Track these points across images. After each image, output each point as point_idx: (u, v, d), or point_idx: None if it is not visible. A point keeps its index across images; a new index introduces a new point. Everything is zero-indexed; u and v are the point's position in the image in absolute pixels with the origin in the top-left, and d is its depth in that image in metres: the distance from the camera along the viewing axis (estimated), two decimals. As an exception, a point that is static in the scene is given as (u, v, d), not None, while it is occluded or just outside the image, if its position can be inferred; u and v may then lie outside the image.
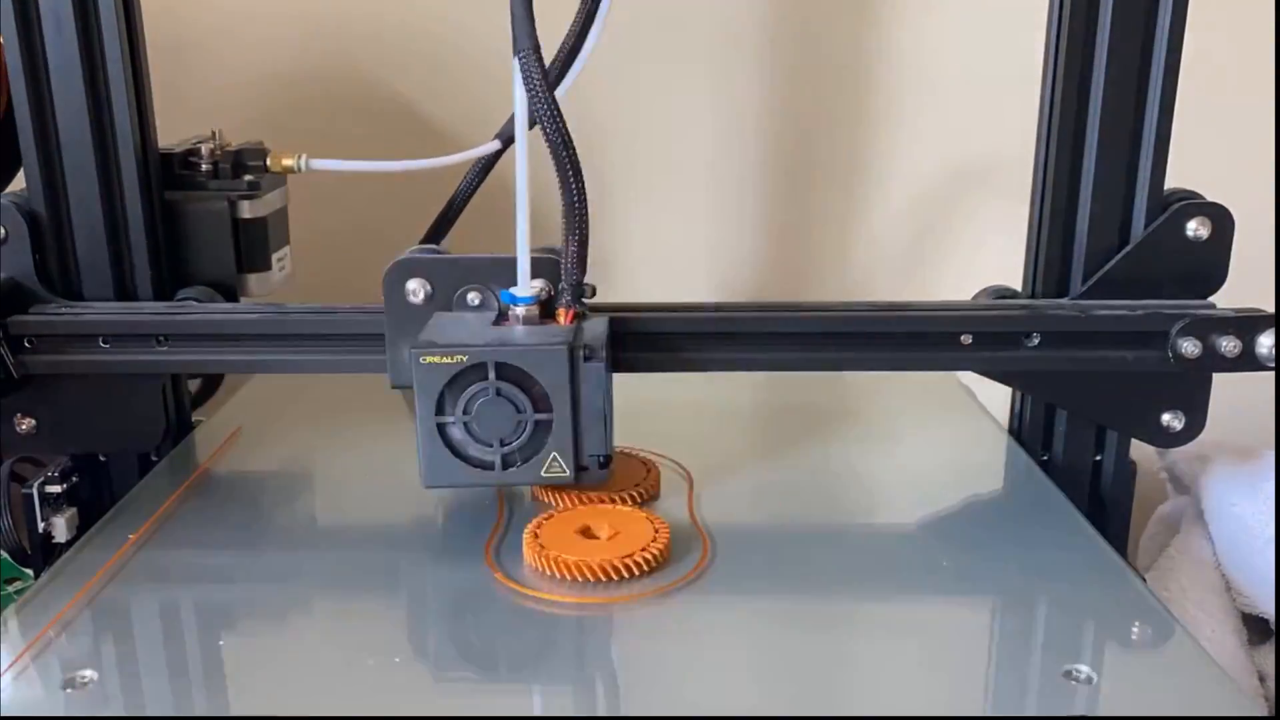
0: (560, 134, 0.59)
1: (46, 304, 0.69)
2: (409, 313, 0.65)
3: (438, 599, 0.60)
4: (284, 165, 0.75)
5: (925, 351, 0.68)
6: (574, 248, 0.61)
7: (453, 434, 0.60)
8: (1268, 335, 0.65)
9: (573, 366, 0.59)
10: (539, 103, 0.58)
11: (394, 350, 0.65)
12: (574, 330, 0.61)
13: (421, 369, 0.58)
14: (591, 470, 0.61)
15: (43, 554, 0.70)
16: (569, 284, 0.62)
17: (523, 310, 0.62)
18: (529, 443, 0.60)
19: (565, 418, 0.59)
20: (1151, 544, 0.90)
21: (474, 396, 0.59)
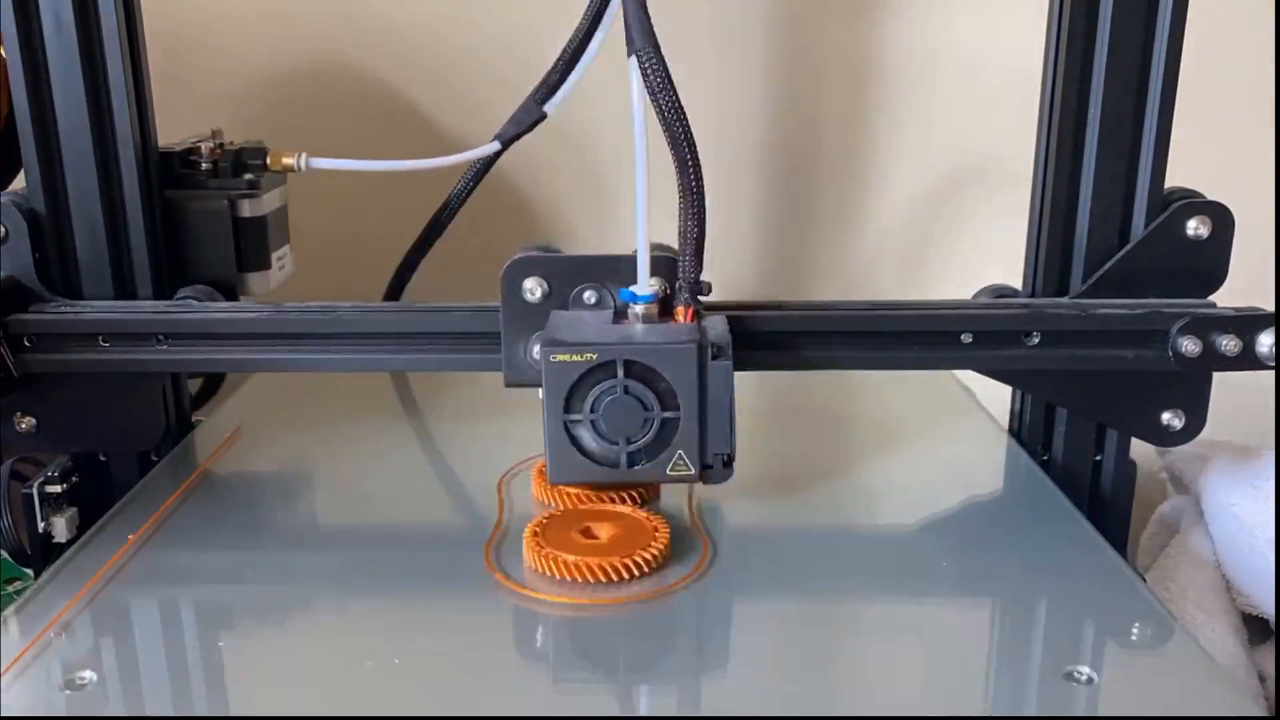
0: (684, 132, 0.59)
1: (46, 303, 0.69)
2: (526, 310, 0.65)
3: (437, 600, 0.60)
4: (284, 164, 0.75)
5: (925, 350, 0.68)
6: (691, 245, 0.61)
7: (580, 432, 0.60)
8: (1268, 334, 0.65)
9: (701, 365, 0.59)
10: (663, 99, 0.58)
11: (510, 349, 0.65)
12: (699, 329, 0.61)
13: (551, 367, 0.58)
14: (716, 469, 0.61)
15: (43, 554, 0.70)
16: (687, 282, 0.62)
17: (642, 309, 0.62)
18: (655, 441, 0.60)
19: (692, 416, 0.59)
20: (1151, 544, 0.90)
21: (602, 395, 0.59)
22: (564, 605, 0.57)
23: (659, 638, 0.55)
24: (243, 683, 0.52)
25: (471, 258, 0.89)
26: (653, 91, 0.59)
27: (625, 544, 0.59)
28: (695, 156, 0.60)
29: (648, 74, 0.58)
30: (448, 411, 0.85)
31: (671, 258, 0.63)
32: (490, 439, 0.77)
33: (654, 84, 0.59)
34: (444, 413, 0.85)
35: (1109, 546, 0.63)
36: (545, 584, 0.58)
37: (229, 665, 0.54)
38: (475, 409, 0.84)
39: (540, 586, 0.58)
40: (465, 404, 0.85)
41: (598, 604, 0.57)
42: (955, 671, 0.53)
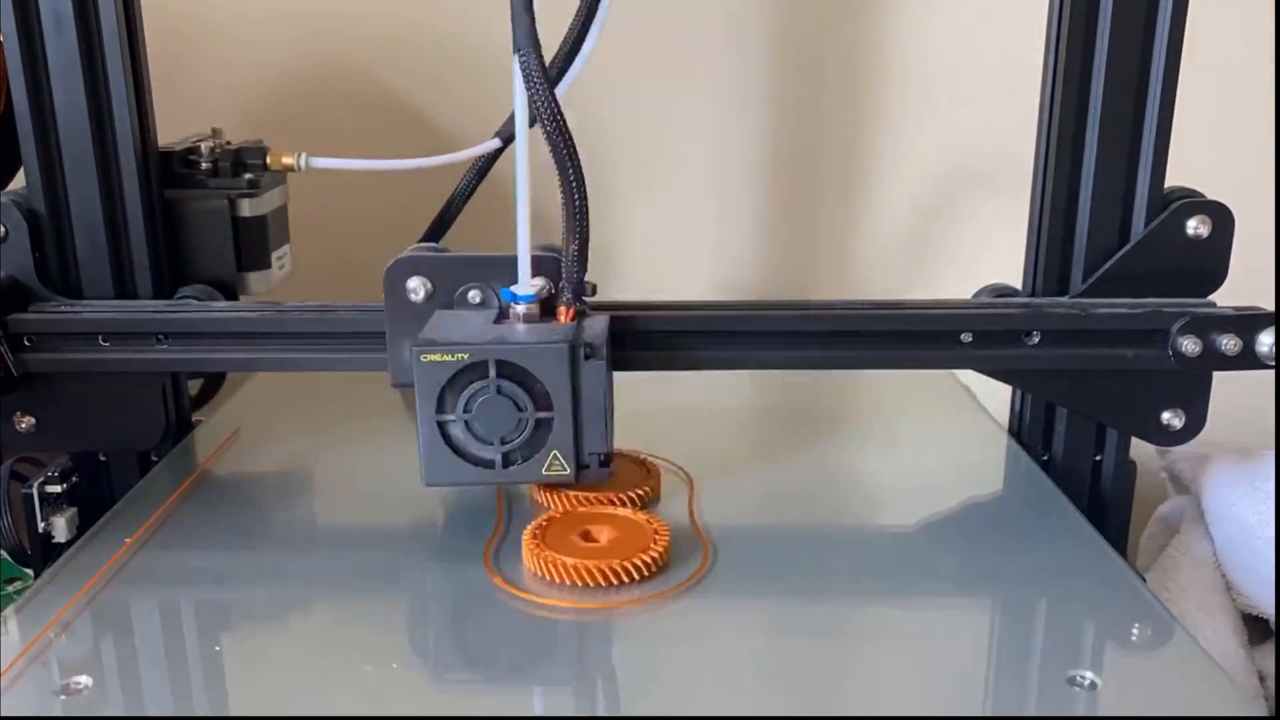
0: (560, 132, 0.59)
1: (46, 302, 0.69)
2: (410, 311, 0.65)
3: (436, 602, 0.60)
4: (284, 164, 0.75)
5: (925, 350, 0.68)
6: (575, 246, 0.61)
7: (453, 432, 0.60)
8: (1268, 333, 0.65)
9: (574, 365, 0.59)
10: (539, 100, 0.58)
11: (395, 348, 0.65)
12: (575, 328, 0.61)
13: (422, 367, 0.58)
14: (592, 468, 0.61)
15: (43, 554, 0.70)
16: (570, 282, 0.62)
17: (523, 308, 0.62)
18: (530, 441, 0.60)
19: (566, 416, 0.59)
20: (1151, 544, 0.90)
21: (475, 394, 0.59)
22: (563, 610, 0.57)
23: (659, 642, 0.55)
24: (241, 684, 0.52)
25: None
26: (532, 91, 0.58)
27: (625, 547, 0.59)
28: (575, 157, 0.60)
29: (528, 74, 0.58)
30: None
31: (555, 258, 0.63)
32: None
33: (532, 84, 0.58)
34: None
35: (1109, 546, 0.63)
36: (544, 588, 0.58)
37: (228, 666, 0.54)
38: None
39: (539, 590, 0.58)
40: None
41: (597, 608, 0.57)
42: (956, 673, 0.53)
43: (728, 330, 0.68)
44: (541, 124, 0.59)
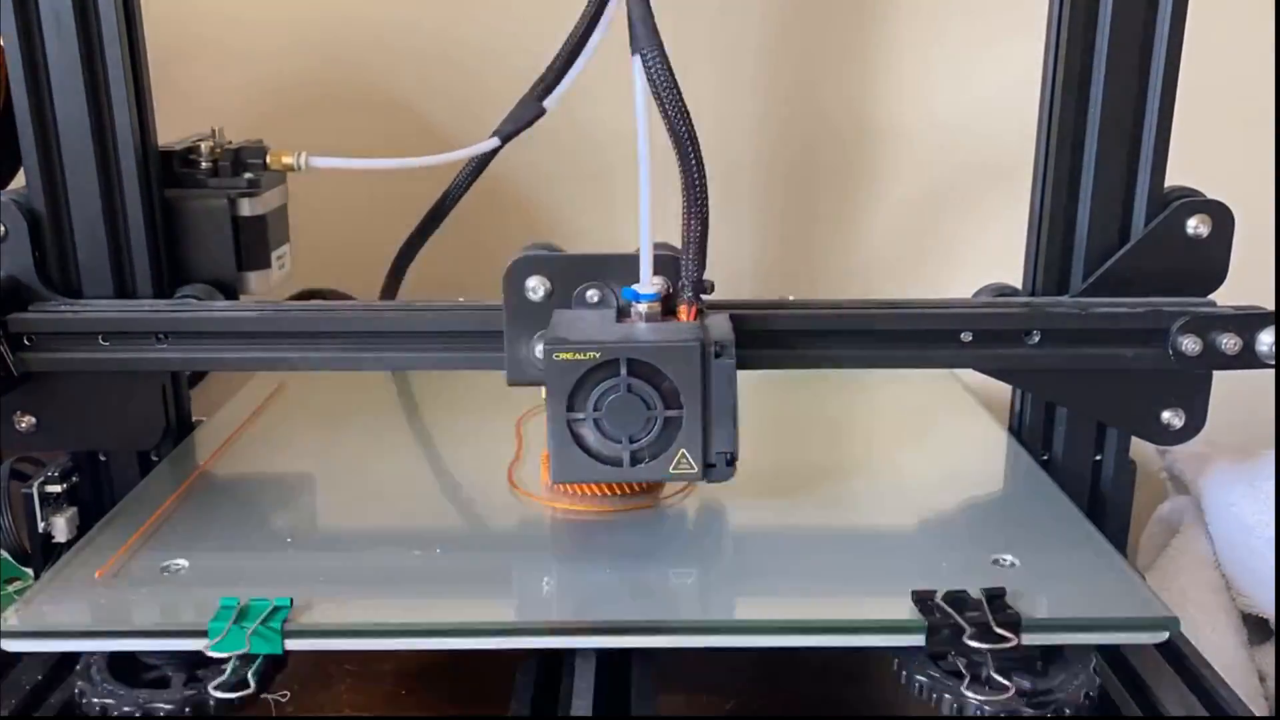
0: (688, 131, 0.59)
1: (46, 302, 0.69)
2: (528, 309, 0.65)
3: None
4: (283, 163, 0.75)
5: (925, 349, 0.68)
6: (695, 244, 0.61)
7: (583, 431, 0.60)
8: (1268, 333, 0.65)
9: (704, 364, 0.59)
10: (668, 100, 0.59)
11: (513, 347, 0.65)
12: (701, 327, 0.61)
13: (554, 366, 0.59)
14: (719, 467, 0.61)
15: (43, 554, 0.70)
16: (690, 280, 0.62)
17: (645, 307, 0.62)
18: (658, 439, 0.60)
19: (695, 415, 0.59)
20: (1151, 544, 0.90)
21: (605, 393, 0.59)
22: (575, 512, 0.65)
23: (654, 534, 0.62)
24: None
25: (472, 256, 0.89)
26: (657, 91, 0.59)
27: None
28: (699, 155, 0.60)
29: (652, 73, 0.58)
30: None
31: (674, 256, 0.62)
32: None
33: (658, 83, 0.59)
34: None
35: (1110, 546, 0.63)
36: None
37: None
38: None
39: None
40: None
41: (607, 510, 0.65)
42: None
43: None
44: (669, 123, 0.59)
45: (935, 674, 0.54)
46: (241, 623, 0.53)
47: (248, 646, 0.52)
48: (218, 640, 0.52)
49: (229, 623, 0.53)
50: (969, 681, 0.53)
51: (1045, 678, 0.54)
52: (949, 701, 0.53)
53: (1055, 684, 0.54)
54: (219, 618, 0.53)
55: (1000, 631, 0.52)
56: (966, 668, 0.53)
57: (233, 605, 0.54)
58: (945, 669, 0.54)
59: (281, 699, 0.56)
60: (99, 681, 0.54)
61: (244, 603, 0.54)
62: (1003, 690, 0.52)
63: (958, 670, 0.53)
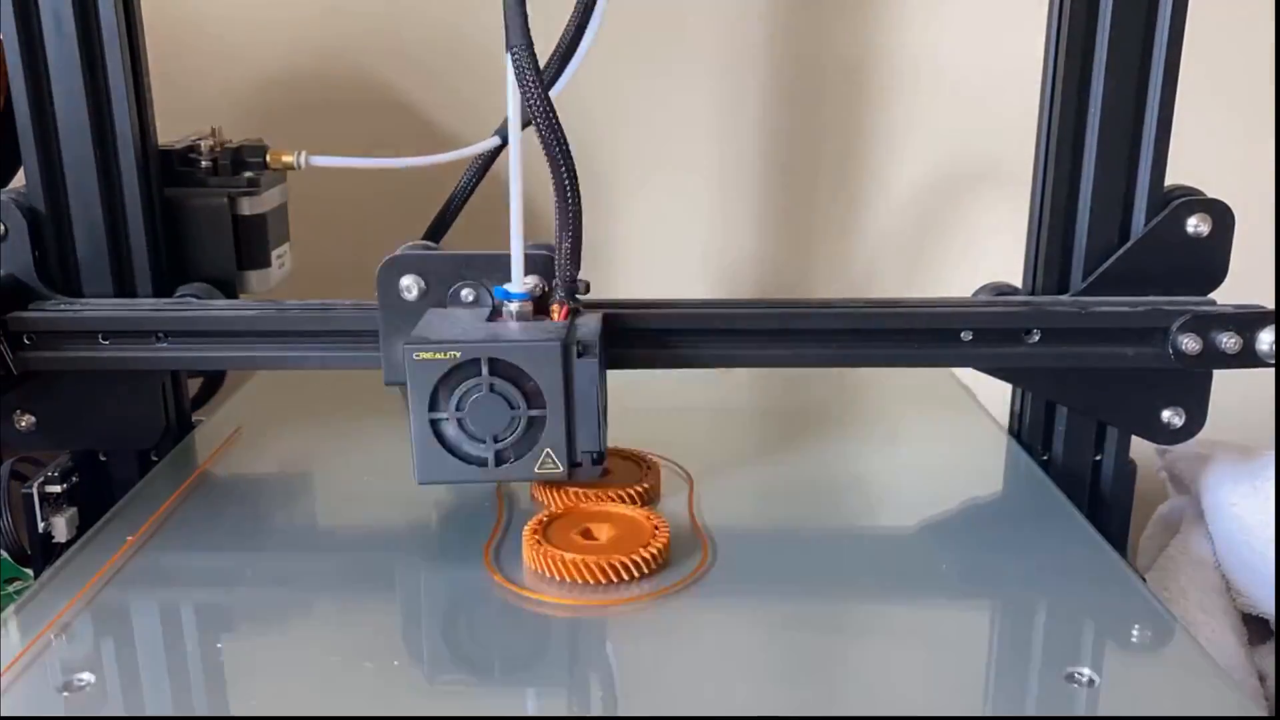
0: (553, 130, 0.59)
1: (46, 300, 0.69)
2: (403, 309, 0.65)
3: (437, 601, 0.60)
4: (283, 162, 0.75)
5: (925, 348, 0.68)
6: (567, 244, 0.61)
7: (446, 430, 0.60)
8: (1268, 332, 0.65)
9: (566, 362, 0.59)
10: (532, 99, 0.58)
11: (388, 347, 0.65)
12: (568, 326, 0.61)
13: (415, 365, 0.58)
14: (585, 466, 0.61)
15: (43, 554, 0.70)
16: (562, 280, 0.62)
17: (516, 306, 0.62)
18: (523, 439, 0.60)
19: (559, 414, 0.59)
20: (1151, 544, 0.90)
21: (467, 393, 0.59)
22: (563, 606, 0.57)
23: (658, 640, 0.55)
24: (241, 684, 0.52)
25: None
26: (524, 90, 0.58)
27: (625, 544, 0.59)
28: (568, 156, 0.59)
29: (520, 72, 0.58)
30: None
31: (549, 256, 0.62)
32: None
33: (525, 82, 0.58)
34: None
35: (1109, 546, 0.63)
36: (544, 585, 0.58)
37: (228, 667, 0.53)
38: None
39: (539, 588, 0.58)
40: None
41: (597, 605, 0.57)
42: (956, 673, 0.53)
43: (723, 328, 0.68)
44: (534, 122, 0.59)
45: None
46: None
47: None
48: None
49: None
50: None
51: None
52: None
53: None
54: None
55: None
56: None
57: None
58: None
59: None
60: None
61: None
62: None
63: None
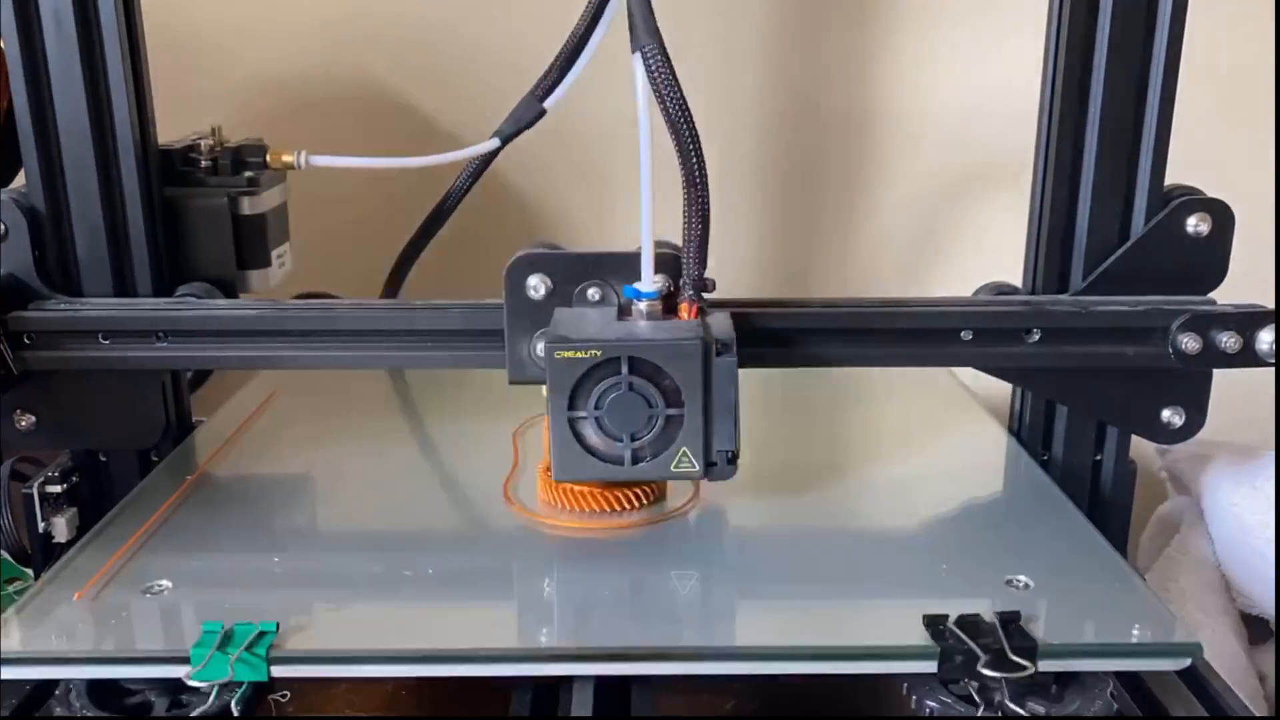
0: (689, 129, 0.59)
1: (46, 300, 0.69)
2: (529, 308, 0.64)
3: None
4: (283, 162, 0.75)
5: (925, 347, 0.68)
6: (696, 242, 0.61)
7: (584, 429, 0.60)
8: (1268, 331, 0.65)
9: (706, 361, 0.58)
10: (668, 94, 0.58)
11: (514, 346, 0.65)
12: (702, 325, 0.61)
13: (556, 364, 0.58)
14: (720, 466, 0.60)
15: (43, 554, 0.70)
16: (691, 279, 0.61)
17: (646, 305, 0.62)
18: (659, 438, 0.60)
19: (696, 413, 0.59)
20: (1151, 544, 0.90)
21: (606, 391, 0.59)
22: (571, 529, 0.64)
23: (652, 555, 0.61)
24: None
25: (472, 255, 0.89)
26: (658, 88, 0.59)
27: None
28: (700, 153, 0.60)
29: (653, 70, 0.58)
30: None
31: (675, 254, 0.62)
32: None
33: (659, 80, 0.58)
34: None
35: (1109, 546, 0.63)
36: (556, 513, 0.66)
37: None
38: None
39: (552, 515, 0.65)
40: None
41: (601, 528, 0.64)
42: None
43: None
44: (670, 121, 0.59)
45: (947, 699, 0.52)
46: (225, 649, 0.51)
47: (231, 674, 0.50)
48: (200, 668, 0.50)
49: (211, 649, 0.51)
50: (982, 709, 0.51)
51: (1060, 703, 0.53)
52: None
53: (1071, 709, 0.52)
54: (201, 643, 0.51)
55: (1016, 659, 0.51)
56: (979, 693, 0.52)
57: (216, 630, 0.52)
58: (957, 693, 0.52)
59: (282, 699, 0.55)
60: (78, 708, 0.52)
61: (228, 627, 0.52)
62: (1017, 716, 0.51)
63: (970, 695, 0.52)
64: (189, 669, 0.50)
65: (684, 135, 0.59)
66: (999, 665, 0.51)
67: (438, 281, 0.85)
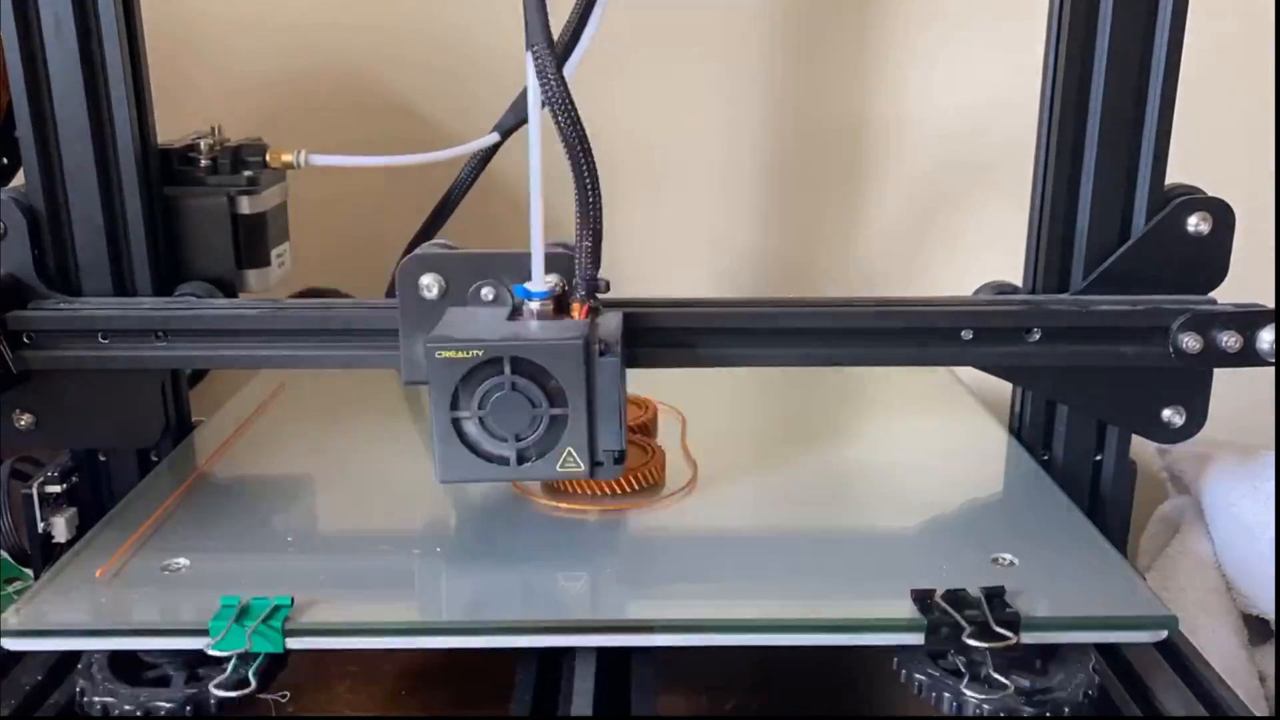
0: (575, 128, 0.59)
1: (45, 299, 0.69)
2: (423, 308, 0.64)
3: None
4: (283, 161, 0.75)
5: (926, 347, 0.68)
6: (588, 243, 0.61)
7: (468, 429, 0.59)
8: (1268, 330, 0.65)
9: (588, 361, 0.58)
10: (554, 96, 0.58)
11: (408, 346, 0.65)
12: (589, 325, 0.61)
13: (437, 363, 0.58)
14: (606, 465, 0.61)
15: (43, 554, 0.70)
16: (583, 279, 0.61)
17: (537, 305, 0.62)
18: (544, 438, 0.60)
19: (581, 413, 0.59)
20: (1151, 544, 0.90)
21: (489, 391, 0.59)
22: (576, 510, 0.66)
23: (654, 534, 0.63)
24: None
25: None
26: (545, 88, 0.58)
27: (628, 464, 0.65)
28: (589, 154, 0.59)
29: (540, 70, 0.58)
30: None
31: (568, 254, 0.62)
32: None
33: (546, 80, 0.58)
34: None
35: (1109, 546, 0.63)
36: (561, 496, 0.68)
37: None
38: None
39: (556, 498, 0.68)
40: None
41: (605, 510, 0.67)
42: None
43: (738, 327, 0.68)
44: (556, 119, 0.59)
45: (935, 672, 0.54)
46: (242, 621, 0.53)
47: (249, 645, 0.53)
48: (219, 639, 0.52)
49: (230, 621, 0.53)
50: (968, 680, 0.53)
51: (1044, 676, 0.54)
52: (948, 700, 0.53)
53: (1054, 682, 0.54)
54: (220, 616, 0.53)
55: (999, 630, 0.53)
56: (966, 666, 0.53)
57: (234, 604, 0.54)
58: (945, 667, 0.54)
59: (281, 699, 0.55)
60: (100, 680, 0.54)
61: (245, 601, 0.54)
62: (1002, 689, 0.52)
63: (957, 669, 0.54)
64: (209, 640, 0.52)
65: (571, 139, 0.59)
66: (983, 636, 0.52)
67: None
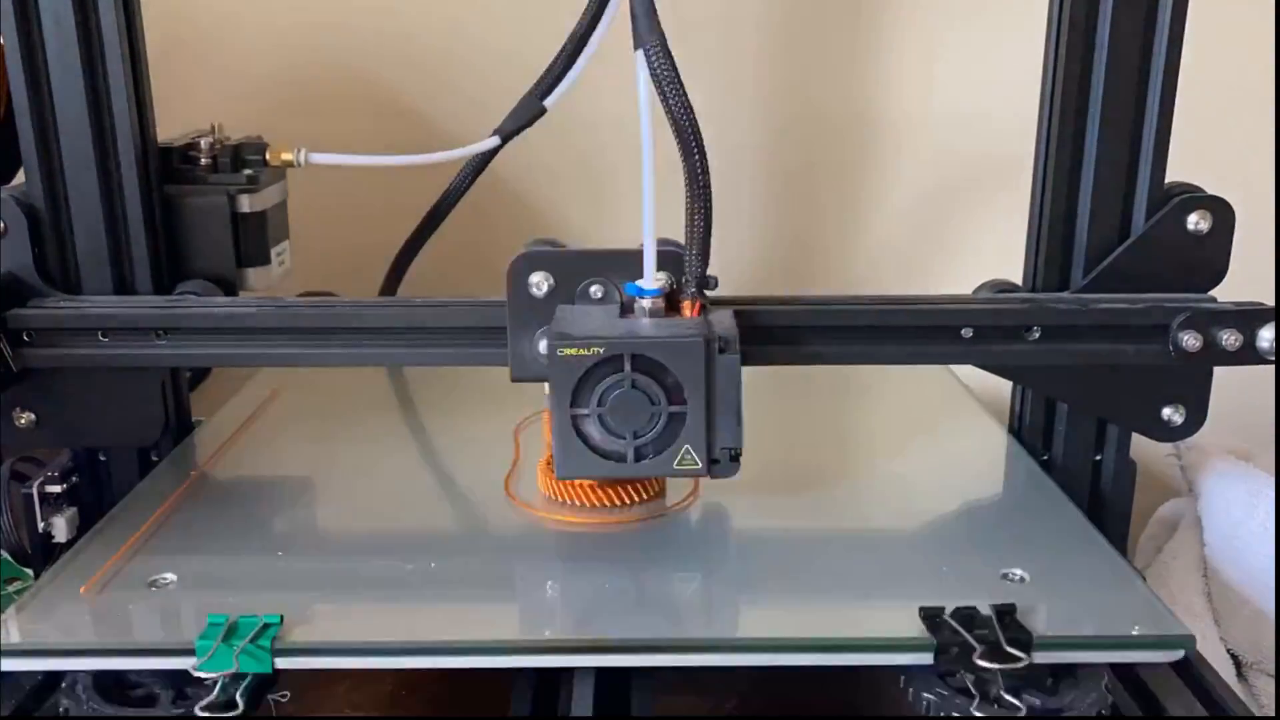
0: (691, 126, 0.59)
1: (45, 298, 0.69)
2: (531, 306, 0.64)
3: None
4: (283, 159, 0.75)
5: (926, 345, 0.68)
6: (698, 240, 0.61)
7: (587, 426, 0.60)
8: (1268, 329, 0.65)
9: (708, 359, 0.58)
10: (673, 93, 0.58)
11: (516, 344, 0.65)
12: (705, 322, 0.61)
13: (559, 361, 0.58)
14: (723, 463, 0.60)
15: (43, 554, 0.70)
16: (694, 276, 0.61)
17: (649, 303, 0.62)
18: (662, 435, 0.59)
19: (699, 410, 0.59)
20: (1150, 544, 0.90)
21: (609, 389, 0.59)
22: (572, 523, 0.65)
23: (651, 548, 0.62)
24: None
25: (473, 254, 0.89)
26: (660, 85, 0.58)
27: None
28: (703, 151, 0.59)
29: (655, 67, 0.58)
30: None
31: (678, 252, 0.62)
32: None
33: (661, 77, 0.58)
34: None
35: (1109, 546, 0.62)
36: (557, 508, 0.66)
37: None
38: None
39: (552, 510, 0.66)
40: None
41: (601, 523, 0.65)
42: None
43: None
44: (673, 119, 0.59)
45: (944, 692, 0.52)
46: (230, 640, 0.51)
47: (236, 666, 0.51)
48: (205, 659, 0.51)
49: (216, 640, 0.51)
50: (979, 701, 0.51)
51: (1056, 696, 0.53)
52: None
53: (1066, 702, 0.53)
54: (206, 635, 0.51)
55: (1011, 650, 0.51)
56: (975, 685, 0.52)
57: (221, 622, 0.52)
58: (954, 686, 0.53)
59: (281, 699, 0.55)
60: (84, 700, 0.52)
61: (233, 619, 0.52)
62: (1013, 709, 0.51)
63: (966, 688, 0.52)
64: (195, 660, 0.51)
65: (687, 135, 0.59)
66: (994, 656, 0.51)
67: (437, 282, 0.85)
